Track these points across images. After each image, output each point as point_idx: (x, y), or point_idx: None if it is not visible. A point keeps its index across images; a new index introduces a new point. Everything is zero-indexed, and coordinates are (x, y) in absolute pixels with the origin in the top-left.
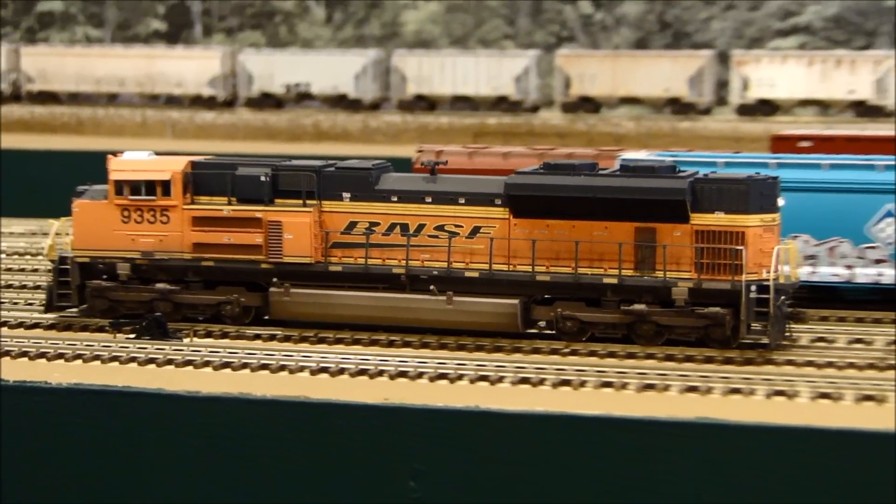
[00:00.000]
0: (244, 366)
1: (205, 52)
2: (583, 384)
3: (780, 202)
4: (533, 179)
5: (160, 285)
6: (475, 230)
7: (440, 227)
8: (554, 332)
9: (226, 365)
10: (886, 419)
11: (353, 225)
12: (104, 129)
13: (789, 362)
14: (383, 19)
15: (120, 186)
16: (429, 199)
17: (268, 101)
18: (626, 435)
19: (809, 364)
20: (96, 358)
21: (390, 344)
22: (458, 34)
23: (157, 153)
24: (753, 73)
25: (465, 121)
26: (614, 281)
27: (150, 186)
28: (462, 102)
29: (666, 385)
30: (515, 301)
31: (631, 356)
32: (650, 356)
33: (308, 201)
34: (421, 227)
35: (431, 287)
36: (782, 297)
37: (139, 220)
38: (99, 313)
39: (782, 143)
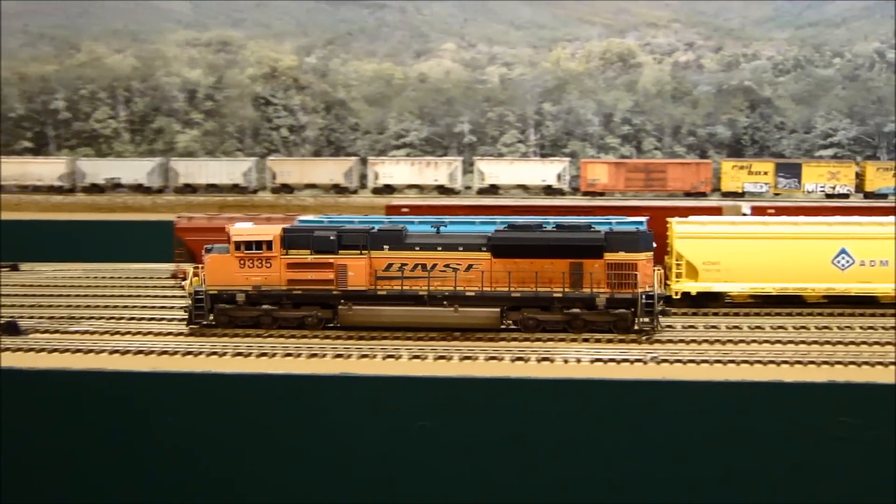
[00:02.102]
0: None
1: (56, 159)
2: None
3: (654, 245)
4: (507, 235)
5: (264, 306)
6: (469, 266)
7: (447, 265)
8: (519, 327)
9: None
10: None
11: (390, 265)
12: None
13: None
14: (165, 140)
15: (238, 244)
16: (439, 248)
17: (95, 189)
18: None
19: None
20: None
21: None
22: (209, 148)
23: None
24: (381, 169)
25: (214, 199)
26: (560, 295)
27: (259, 244)
28: (213, 188)
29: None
30: (497, 309)
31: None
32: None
33: (363, 251)
34: (434, 265)
35: (444, 302)
36: (661, 302)
37: (251, 266)
38: (221, 325)
39: (392, 210)
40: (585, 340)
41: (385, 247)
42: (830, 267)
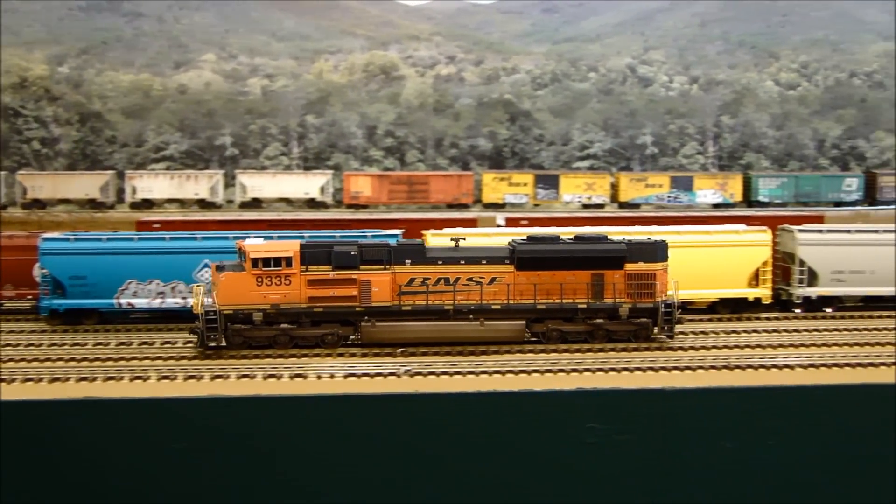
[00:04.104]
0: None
1: None
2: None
3: (669, 255)
4: (530, 247)
5: (283, 325)
6: (493, 279)
7: (470, 279)
8: (541, 340)
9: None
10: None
11: (412, 280)
12: None
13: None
14: None
15: (256, 262)
16: (462, 261)
17: None
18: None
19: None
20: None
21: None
22: None
23: None
24: (139, 183)
25: None
26: (584, 306)
27: (278, 261)
28: None
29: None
30: (522, 321)
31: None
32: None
33: (386, 266)
34: (457, 279)
35: (471, 316)
36: (677, 309)
37: (269, 283)
38: (235, 346)
39: (143, 226)
40: (340, 355)
41: (407, 261)
42: None
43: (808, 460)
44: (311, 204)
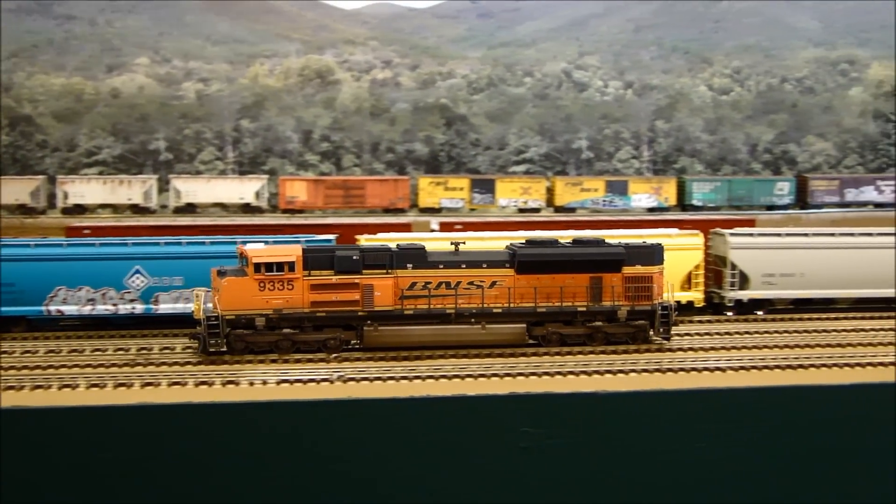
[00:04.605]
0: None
1: None
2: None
3: (665, 258)
4: (530, 251)
5: (285, 330)
6: (493, 283)
7: (471, 283)
8: (541, 343)
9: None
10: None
11: (414, 284)
12: None
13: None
14: None
15: (258, 266)
16: (463, 265)
17: None
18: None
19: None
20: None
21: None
22: None
23: None
24: (71, 188)
25: None
26: (584, 308)
27: (280, 266)
28: None
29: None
30: (523, 325)
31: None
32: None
33: (389, 270)
34: (458, 283)
35: (472, 320)
36: (674, 311)
37: (272, 288)
38: (238, 352)
39: (73, 231)
40: (273, 362)
41: (409, 265)
42: None
43: (740, 461)
44: (247, 209)
